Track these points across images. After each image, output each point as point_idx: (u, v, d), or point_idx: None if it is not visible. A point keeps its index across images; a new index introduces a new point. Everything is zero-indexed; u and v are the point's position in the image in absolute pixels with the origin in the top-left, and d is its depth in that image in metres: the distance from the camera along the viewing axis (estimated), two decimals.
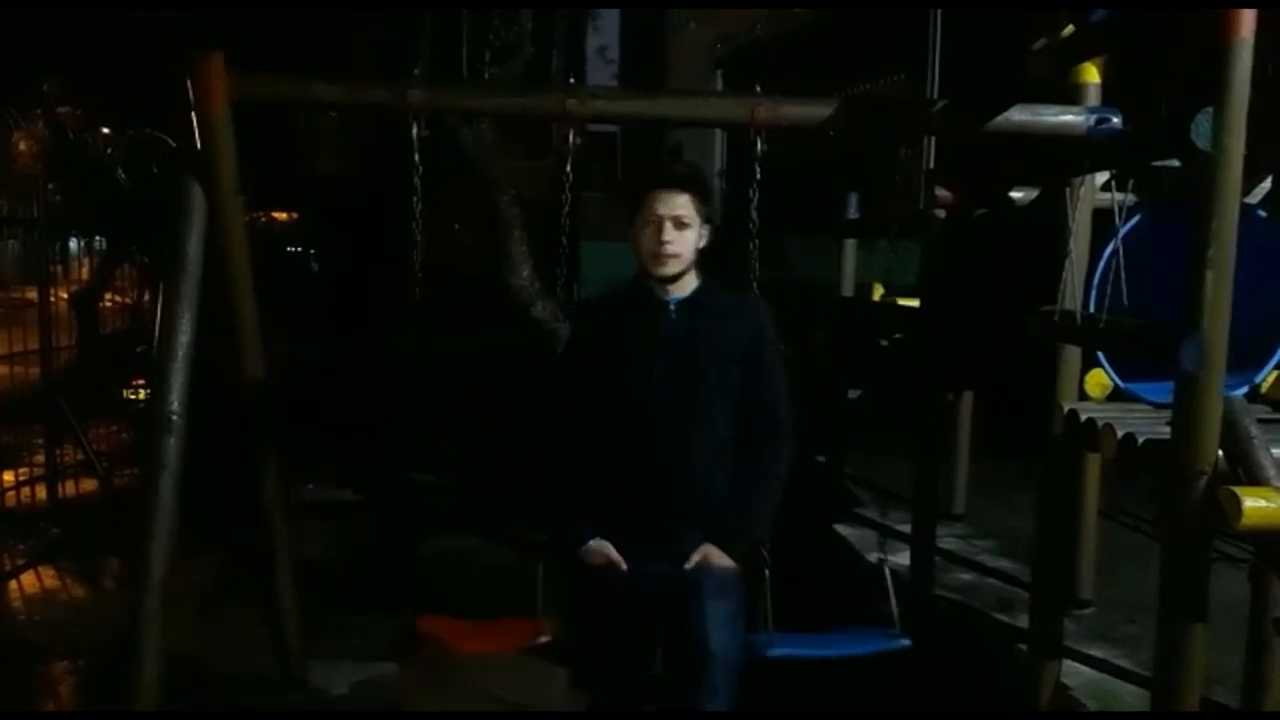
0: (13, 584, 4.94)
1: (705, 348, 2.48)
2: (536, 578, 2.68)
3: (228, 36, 3.60)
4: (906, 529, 4.85)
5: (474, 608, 2.85)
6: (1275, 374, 3.06)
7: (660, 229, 2.42)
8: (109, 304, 8.20)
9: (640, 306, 2.52)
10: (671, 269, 2.46)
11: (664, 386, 2.46)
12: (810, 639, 2.68)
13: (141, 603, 3.06)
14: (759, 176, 3.02)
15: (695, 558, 2.45)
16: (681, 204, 2.43)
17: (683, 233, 2.44)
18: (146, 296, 8.01)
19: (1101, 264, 2.93)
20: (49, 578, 5.03)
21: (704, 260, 2.53)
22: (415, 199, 3.09)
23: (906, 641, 2.71)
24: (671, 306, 2.50)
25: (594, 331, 2.59)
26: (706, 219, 2.50)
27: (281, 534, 3.64)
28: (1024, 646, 3.69)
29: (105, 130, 8.99)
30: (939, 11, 7.32)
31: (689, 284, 2.53)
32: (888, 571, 2.81)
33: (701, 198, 2.48)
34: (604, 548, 2.48)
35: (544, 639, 2.63)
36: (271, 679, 3.75)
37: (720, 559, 2.45)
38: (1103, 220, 3.01)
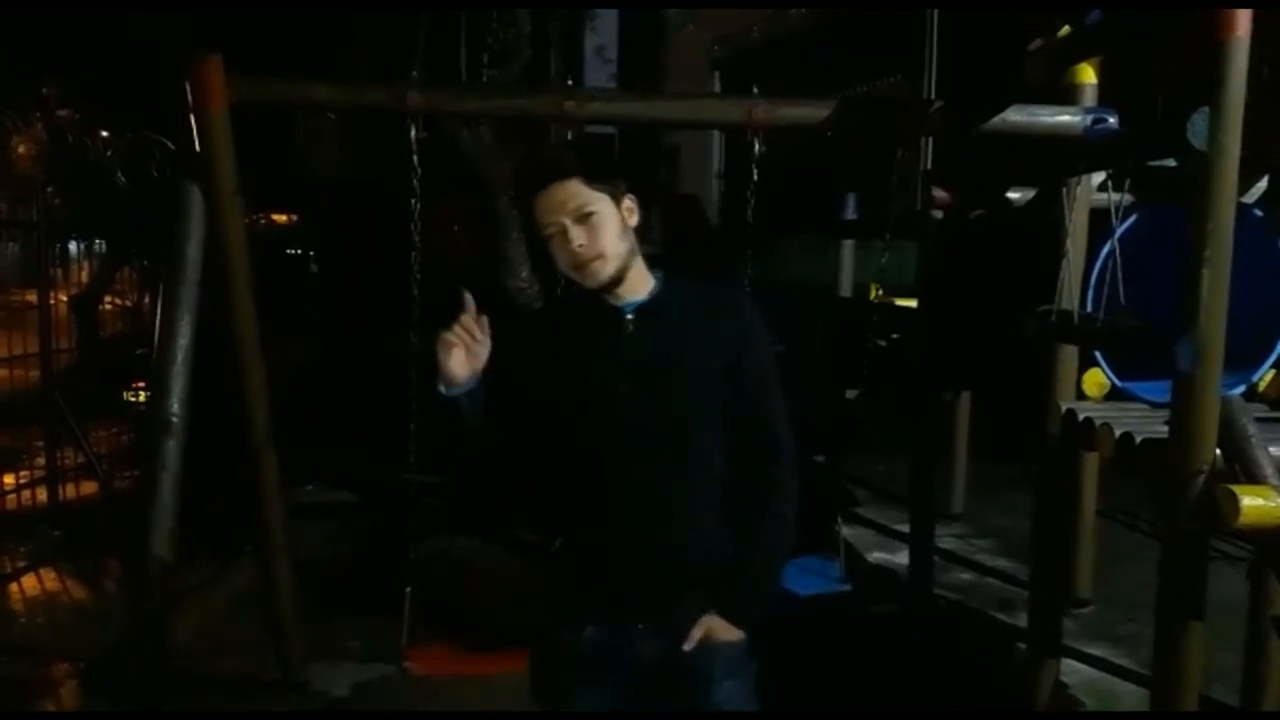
0: (13, 586, 4.94)
1: (678, 364, 1.95)
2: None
3: (227, 37, 3.61)
4: (905, 528, 4.86)
5: (472, 622, 2.79)
6: (1272, 373, 3.06)
7: (565, 235, 1.90)
8: (109, 307, 8.19)
9: (589, 319, 1.99)
10: (603, 272, 1.91)
11: (632, 418, 1.93)
12: None
13: (141, 604, 3.07)
14: (756, 178, 3.03)
15: (697, 634, 1.94)
16: (571, 194, 1.90)
17: (591, 225, 1.90)
18: (146, 299, 8.02)
19: (1098, 264, 2.94)
20: (49, 580, 5.03)
21: (695, 252, 2.15)
22: (414, 201, 3.10)
23: (847, 587, 3.37)
24: (628, 315, 1.96)
25: (533, 358, 2.01)
26: (620, 192, 1.95)
27: (281, 535, 3.64)
28: (1023, 645, 3.69)
29: (104, 133, 8.99)
30: (936, 13, 7.34)
31: (643, 283, 1.99)
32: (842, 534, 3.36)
33: (593, 173, 1.92)
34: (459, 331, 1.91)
35: None
36: (272, 680, 3.75)
37: (728, 633, 1.96)
38: (1099, 220, 3.02)
